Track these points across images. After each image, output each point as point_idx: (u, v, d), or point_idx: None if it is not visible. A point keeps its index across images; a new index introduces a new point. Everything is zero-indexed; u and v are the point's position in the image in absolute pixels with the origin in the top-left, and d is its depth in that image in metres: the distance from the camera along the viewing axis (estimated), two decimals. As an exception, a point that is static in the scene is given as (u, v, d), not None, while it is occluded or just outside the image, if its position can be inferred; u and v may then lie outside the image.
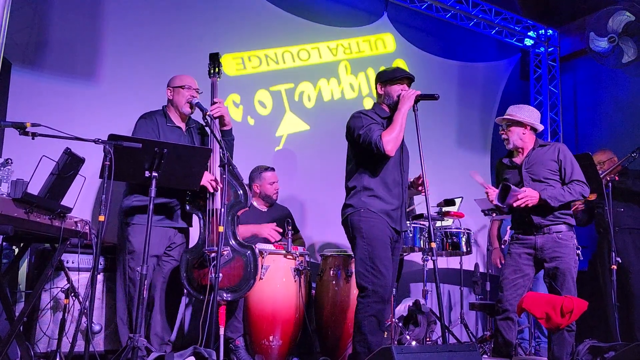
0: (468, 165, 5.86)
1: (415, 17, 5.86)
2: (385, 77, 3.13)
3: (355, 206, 2.99)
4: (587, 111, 6.39)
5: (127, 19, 4.29)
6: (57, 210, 2.62)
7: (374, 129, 2.95)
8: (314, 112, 5.14)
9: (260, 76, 4.91)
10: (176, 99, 3.33)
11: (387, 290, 2.89)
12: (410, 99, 2.97)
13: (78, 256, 3.24)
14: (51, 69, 3.95)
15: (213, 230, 3.14)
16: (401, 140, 2.98)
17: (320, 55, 5.26)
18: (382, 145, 2.88)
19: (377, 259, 2.88)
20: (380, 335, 2.88)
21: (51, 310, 3.22)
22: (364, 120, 3.00)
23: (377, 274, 2.86)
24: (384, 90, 3.12)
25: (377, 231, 2.93)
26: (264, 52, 4.94)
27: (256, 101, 4.87)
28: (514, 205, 3.25)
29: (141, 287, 2.68)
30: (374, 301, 2.85)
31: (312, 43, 5.22)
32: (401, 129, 2.95)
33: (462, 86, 6.13)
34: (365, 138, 2.94)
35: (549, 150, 3.39)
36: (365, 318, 2.84)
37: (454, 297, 5.46)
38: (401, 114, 2.96)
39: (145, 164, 2.73)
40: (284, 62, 5.05)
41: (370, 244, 2.90)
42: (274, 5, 5.04)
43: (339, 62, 5.35)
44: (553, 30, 6.66)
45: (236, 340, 3.47)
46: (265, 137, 4.85)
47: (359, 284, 2.91)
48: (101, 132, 2.77)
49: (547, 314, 2.91)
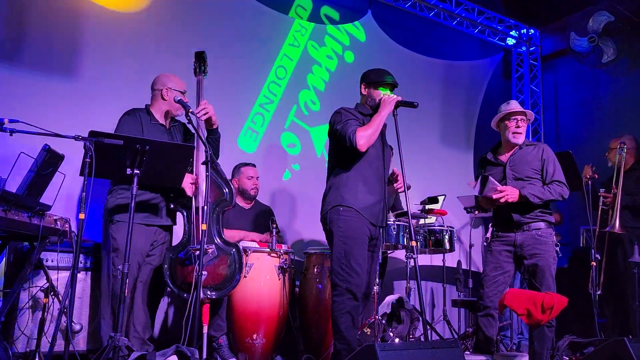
0: (451, 163, 5.91)
1: (399, 15, 5.88)
2: (369, 79, 3.18)
3: (333, 203, 3.02)
4: (568, 110, 6.48)
5: (106, 14, 4.23)
6: (36, 208, 2.58)
7: (351, 124, 2.99)
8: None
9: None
10: (171, 102, 3.27)
11: (360, 288, 2.93)
12: (391, 104, 3.03)
13: (57, 254, 3.19)
14: (29, 65, 3.87)
15: (197, 228, 3.12)
16: (375, 138, 3.01)
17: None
18: (356, 140, 2.92)
19: (352, 258, 2.91)
20: (355, 332, 2.92)
21: (30, 309, 3.17)
22: (344, 116, 3.05)
23: (352, 273, 2.89)
24: (368, 92, 3.17)
25: (354, 230, 2.95)
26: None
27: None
28: (493, 197, 3.28)
29: (122, 285, 2.65)
30: (348, 299, 2.88)
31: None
32: (377, 128, 3.00)
33: (445, 84, 6.17)
34: (341, 132, 2.99)
35: (534, 150, 3.43)
36: (340, 315, 2.88)
37: (437, 294, 5.50)
38: (380, 116, 3.02)
39: (126, 161, 2.70)
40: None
41: (346, 243, 2.93)
42: (259, 2, 5.02)
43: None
44: (535, 29, 6.74)
45: (219, 339, 3.45)
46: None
47: (334, 281, 2.95)
48: (81, 128, 2.72)
49: (528, 310, 2.94)
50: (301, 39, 5.26)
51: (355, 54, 5.52)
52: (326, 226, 3.05)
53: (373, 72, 3.21)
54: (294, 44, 5.21)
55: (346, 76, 5.22)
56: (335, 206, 3.00)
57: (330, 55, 5.41)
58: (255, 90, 4.94)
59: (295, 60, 5.21)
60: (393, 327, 3.86)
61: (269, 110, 5.01)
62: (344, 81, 5.17)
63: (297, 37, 5.23)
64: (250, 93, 4.91)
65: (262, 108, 4.97)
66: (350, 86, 3.61)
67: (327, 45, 5.41)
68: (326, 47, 5.40)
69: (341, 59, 5.47)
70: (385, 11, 5.76)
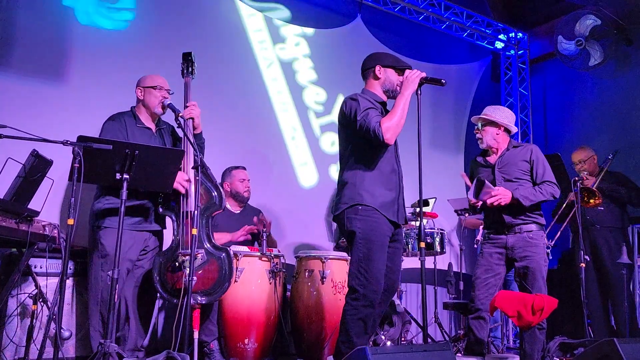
0: (442, 166, 5.94)
1: (388, 19, 5.91)
2: (388, 61, 2.90)
3: (352, 201, 2.76)
4: (556, 112, 6.54)
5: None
6: (24, 213, 2.55)
7: (372, 115, 2.71)
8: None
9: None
10: (148, 100, 3.27)
11: (378, 294, 2.71)
12: (415, 82, 2.77)
13: (46, 260, 3.15)
14: (17, 68, 3.84)
15: (187, 232, 3.09)
16: (402, 127, 2.73)
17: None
18: (382, 133, 2.66)
19: (372, 262, 2.69)
20: (365, 339, 2.75)
21: (18, 316, 3.13)
22: (362, 103, 2.75)
23: (370, 278, 2.68)
24: (385, 75, 2.88)
25: (375, 232, 2.73)
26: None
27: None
28: (487, 202, 3.29)
29: (112, 291, 2.63)
30: (363, 305, 2.68)
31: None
32: (402, 115, 2.72)
33: (435, 88, 6.12)
34: (362, 124, 2.70)
35: (522, 151, 3.45)
36: (353, 321, 2.67)
37: (429, 296, 5.49)
38: (404, 97, 2.74)
39: (116, 165, 2.68)
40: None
41: (367, 246, 2.71)
42: (247, 6, 5.02)
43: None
44: (523, 33, 6.80)
45: (210, 344, 3.43)
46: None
47: (350, 284, 2.73)
48: (70, 133, 2.69)
49: (519, 312, 2.95)
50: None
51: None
52: (343, 226, 2.80)
53: (384, 54, 2.96)
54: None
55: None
56: (354, 205, 2.75)
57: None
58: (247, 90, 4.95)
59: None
60: (385, 330, 3.86)
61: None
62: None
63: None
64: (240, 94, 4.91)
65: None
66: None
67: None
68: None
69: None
70: (375, 15, 5.78)
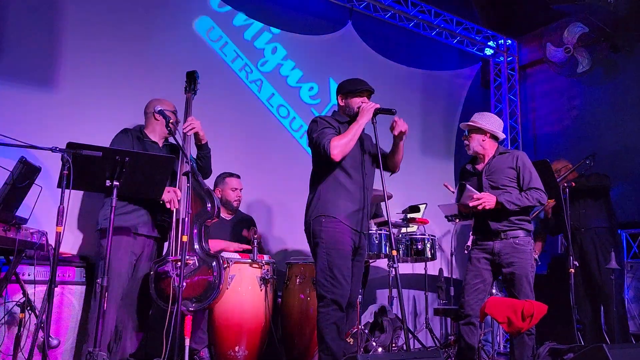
0: (432, 172, 5.96)
1: (379, 25, 5.94)
2: (345, 89, 3.18)
3: (315, 213, 3.01)
4: (545, 118, 6.60)
5: (85, 23, 4.18)
6: (12, 221, 2.53)
7: (327, 133, 3.00)
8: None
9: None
10: (162, 120, 3.35)
11: (345, 299, 2.93)
12: (369, 112, 3.03)
13: (34, 268, 3.13)
14: (6, 74, 3.81)
15: (178, 239, 3.11)
16: (350, 147, 2.99)
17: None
18: (330, 149, 2.92)
19: (336, 269, 2.90)
20: (340, 344, 2.92)
21: (6, 325, 3.09)
22: (319, 125, 3.06)
23: (336, 284, 2.89)
24: (345, 102, 3.17)
25: (337, 240, 2.95)
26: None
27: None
28: (470, 205, 3.30)
29: (101, 299, 2.62)
30: (333, 309, 2.88)
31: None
32: (353, 137, 2.99)
33: (425, 94, 6.24)
34: (317, 141, 2.99)
35: (508, 158, 3.45)
36: (326, 326, 2.87)
37: (419, 302, 5.52)
38: (358, 125, 3.02)
39: (106, 172, 2.67)
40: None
41: (330, 254, 2.93)
42: (238, 12, 5.02)
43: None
44: (512, 40, 6.86)
45: (201, 352, 3.42)
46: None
47: (319, 293, 2.93)
48: (59, 140, 2.68)
49: (509, 318, 2.96)
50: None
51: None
52: (309, 237, 3.05)
53: (347, 82, 3.22)
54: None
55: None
56: (318, 216, 2.99)
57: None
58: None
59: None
60: (376, 337, 3.85)
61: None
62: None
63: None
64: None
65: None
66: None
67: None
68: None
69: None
70: (366, 22, 5.81)
